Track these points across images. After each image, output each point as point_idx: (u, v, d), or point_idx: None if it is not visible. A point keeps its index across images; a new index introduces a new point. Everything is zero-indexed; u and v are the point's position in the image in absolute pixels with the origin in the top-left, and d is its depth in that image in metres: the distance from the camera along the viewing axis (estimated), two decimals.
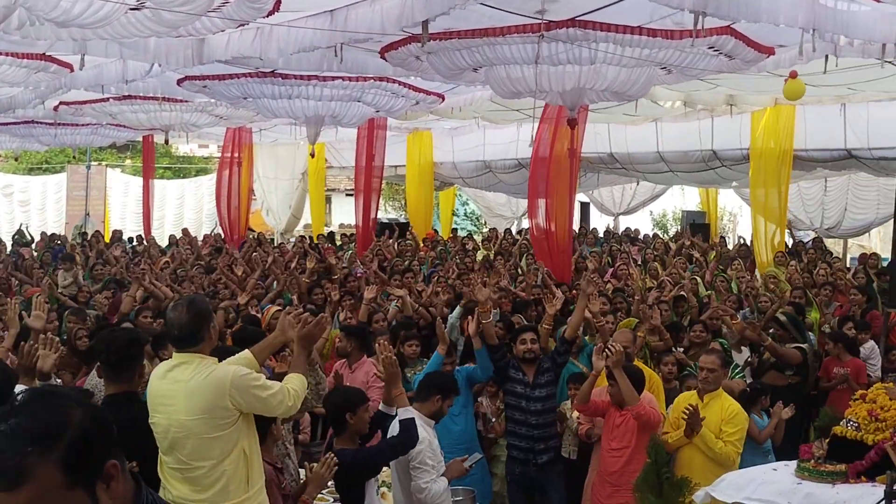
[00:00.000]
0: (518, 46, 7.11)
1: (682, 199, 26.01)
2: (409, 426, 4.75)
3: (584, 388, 5.95)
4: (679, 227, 22.00)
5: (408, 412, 4.83)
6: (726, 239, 18.31)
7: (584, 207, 23.77)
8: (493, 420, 6.94)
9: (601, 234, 19.40)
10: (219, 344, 4.48)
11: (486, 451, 6.66)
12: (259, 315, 8.35)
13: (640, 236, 18.93)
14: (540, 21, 6.70)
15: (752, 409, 6.21)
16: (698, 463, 5.48)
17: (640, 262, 13.81)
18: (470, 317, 6.68)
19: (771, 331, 8.10)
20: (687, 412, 5.42)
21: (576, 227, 15.74)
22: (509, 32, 6.90)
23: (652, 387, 6.40)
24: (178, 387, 3.78)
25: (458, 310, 8.57)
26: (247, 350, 4.13)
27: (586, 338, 8.14)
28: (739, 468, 5.35)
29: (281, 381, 3.98)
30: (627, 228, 20.22)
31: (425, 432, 4.93)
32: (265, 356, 4.29)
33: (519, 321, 8.20)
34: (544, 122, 12.06)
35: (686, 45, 7.12)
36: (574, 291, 10.24)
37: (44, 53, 8.59)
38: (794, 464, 4.69)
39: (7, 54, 8.51)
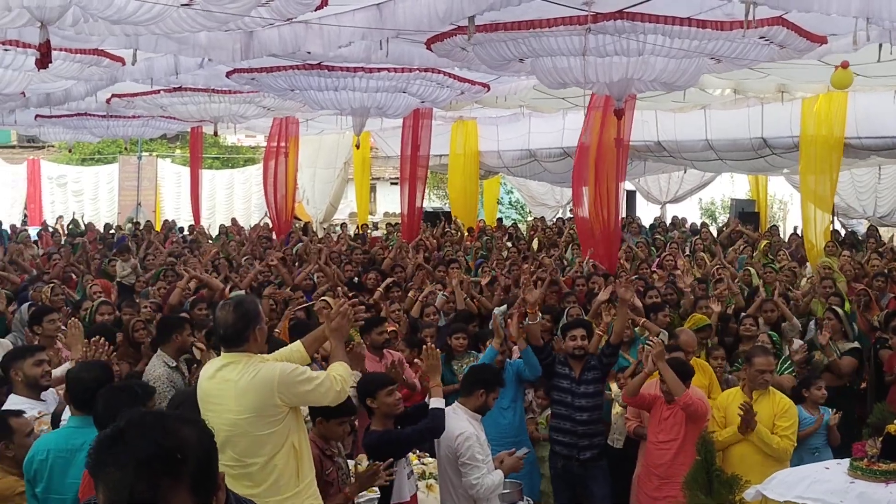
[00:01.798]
0: (565, 38, 7.08)
1: (731, 186, 25.64)
2: (437, 415, 4.84)
3: (634, 382, 5.94)
4: (728, 216, 21.70)
5: (439, 402, 4.91)
6: (777, 228, 17.96)
7: (630, 196, 23.52)
8: (536, 414, 6.95)
9: (648, 224, 19.25)
10: (270, 336, 4.55)
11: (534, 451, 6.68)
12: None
13: (688, 225, 18.70)
14: (587, 13, 6.64)
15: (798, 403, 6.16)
16: (750, 460, 5.43)
17: (688, 252, 13.67)
18: (510, 319, 6.63)
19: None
20: (743, 409, 5.37)
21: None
22: (556, 24, 6.87)
23: (707, 377, 6.36)
24: (227, 386, 3.84)
25: (503, 307, 8.57)
26: (298, 341, 4.26)
27: (636, 329, 8.10)
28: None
29: None
30: (675, 217, 19.97)
31: (472, 427, 4.95)
32: (316, 347, 4.40)
33: (578, 313, 8.21)
34: (591, 110, 11.99)
35: (737, 35, 7.02)
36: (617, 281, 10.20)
37: (97, 48, 8.75)
38: (846, 462, 4.63)
39: (61, 49, 8.68)
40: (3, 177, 27.20)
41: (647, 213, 23.07)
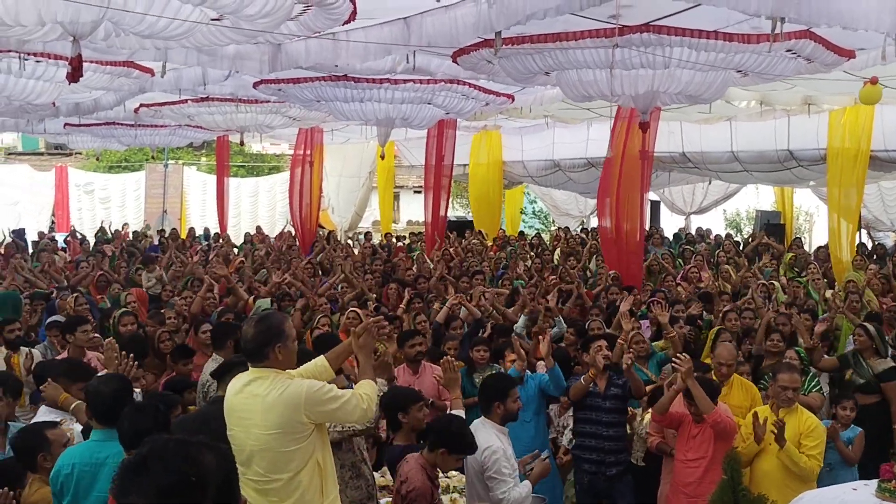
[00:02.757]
0: (591, 51, 7.09)
1: (756, 198, 25.44)
2: None
3: (663, 400, 5.89)
4: (753, 228, 21.54)
5: (460, 412, 4.97)
6: (802, 240, 17.79)
7: (655, 206, 23.44)
8: (560, 434, 6.93)
9: (671, 235, 19.14)
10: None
11: (562, 474, 6.67)
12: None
13: (713, 236, 18.58)
14: (614, 26, 6.65)
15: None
16: (776, 478, 5.38)
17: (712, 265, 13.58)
18: (541, 336, 6.61)
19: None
20: (776, 427, 5.32)
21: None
22: (582, 37, 6.88)
23: (753, 396, 6.29)
24: (255, 401, 3.85)
25: (522, 319, 8.57)
26: (322, 356, 4.26)
27: (654, 344, 8.08)
28: None
29: None
30: (700, 228, 19.85)
31: (498, 441, 4.95)
32: (340, 362, 4.41)
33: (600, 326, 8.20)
34: (618, 121, 11.98)
35: (763, 48, 7.00)
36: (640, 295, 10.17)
37: (126, 60, 8.86)
38: (874, 483, 4.56)
39: (91, 62, 8.80)
40: (31, 184, 27.54)
41: (671, 224, 22.95)
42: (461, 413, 4.97)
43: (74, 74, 5.61)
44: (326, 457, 3.99)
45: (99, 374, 4.91)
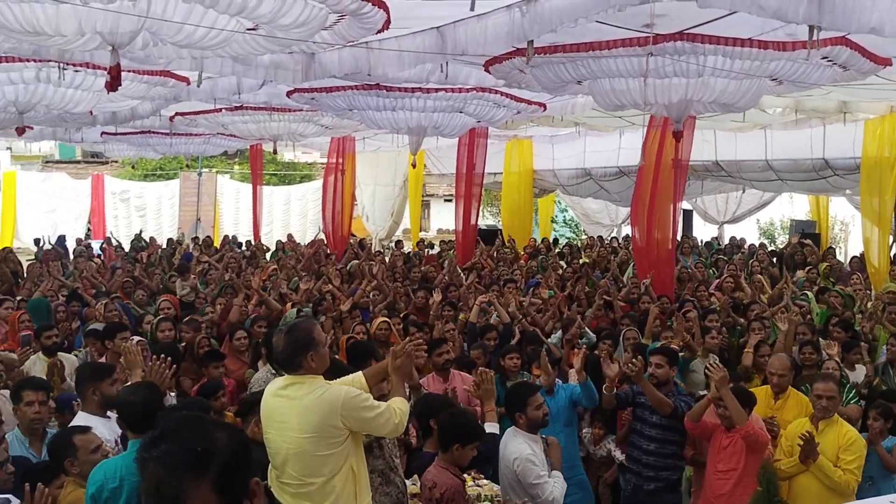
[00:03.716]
0: (624, 60, 7.06)
1: (790, 207, 25.16)
2: (489, 440, 4.90)
3: (696, 408, 5.85)
4: (787, 237, 21.29)
5: (493, 427, 4.98)
6: (835, 250, 17.55)
7: (687, 215, 23.26)
8: (593, 448, 6.90)
9: (702, 244, 18.97)
10: (333, 357, 4.61)
11: (591, 477, 6.64)
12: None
13: (746, 246, 18.40)
14: (647, 35, 6.62)
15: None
16: (814, 491, 5.32)
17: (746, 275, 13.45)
18: (576, 350, 6.57)
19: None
20: (803, 439, 5.25)
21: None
22: (615, 46, 6.86)
23: (803, 409, 6.19)
24: (292, 404, 3.90)
25: (558, 334, 8.55)
26: (360, 372, 4.33)
27: (681, 354, 8.03)
28: None
29: None
30: (733, 238, 19.66)
31: (528, 447, 4.95)
32: (376, 381, 4.45)
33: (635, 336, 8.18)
34: (651, 129, 11.93)
35: (799, 56, 6.94)
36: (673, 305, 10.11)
37: (163, 70, 8.98)
38: None
39: (129, 71, 8.93)
40: (68, 191, 27.98)
41: (703, 233, 22.76)
42: (495, 426, 4.97)
43: (113, 83, 5.69)
44: (360, 463, 4.03)
45: (127, 385, 4.95)
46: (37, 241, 19.42)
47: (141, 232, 23.03)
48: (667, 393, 6.23)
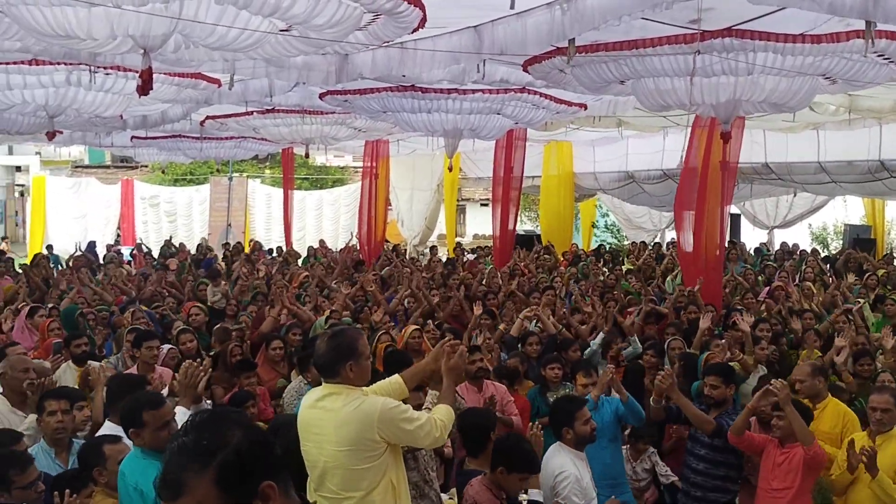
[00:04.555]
0: (670, 58, 7.00)
1: (844, 210, 24.79)
2: None
3: (738, 420, 5.76)
4: (841, 243, 20.98)
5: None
6: (892, 256, 17.22)
7: (735, 220, 23.00)
8: (632, 464, 6.82)
9: (752, 250, 18.77)
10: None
11: None
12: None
13: (798, 252, 18.16)
14: (694, 31, 6.57)
15: None
16: None
17: (797, 282, 13.28)
18: (614, 376, 6.43)
19: None
20: (865, 455, 5.14)
21: None
22: (660, 44, 6.81)
23: (846, 424, 6.05)
24: (328, 416, 3.89)
25: (599, 337, 8.49)
26: (398, 375, 4.29)
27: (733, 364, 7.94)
28: None
29: None
30: (785, 244, 19.41)
31: (573, 466, 4.89)
32: (415, 382, 4.43)
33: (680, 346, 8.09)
34: (696, 129, 11.82)
35: (853, 53, 6.83)
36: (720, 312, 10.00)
37: (194, 72, 9.09)
38: None
39: (160, 73, 9.04)
40: (98, 197, 28.40)
41: (752, 239, 22.49)
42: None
43: (144, 87, 5.76)
44: (400, 477, 4.00)
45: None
46: (43, 251, 19.74)
47: (171, 238, 23.32)
48: (723, 412, 6.11)
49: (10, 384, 5.95)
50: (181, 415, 4.59)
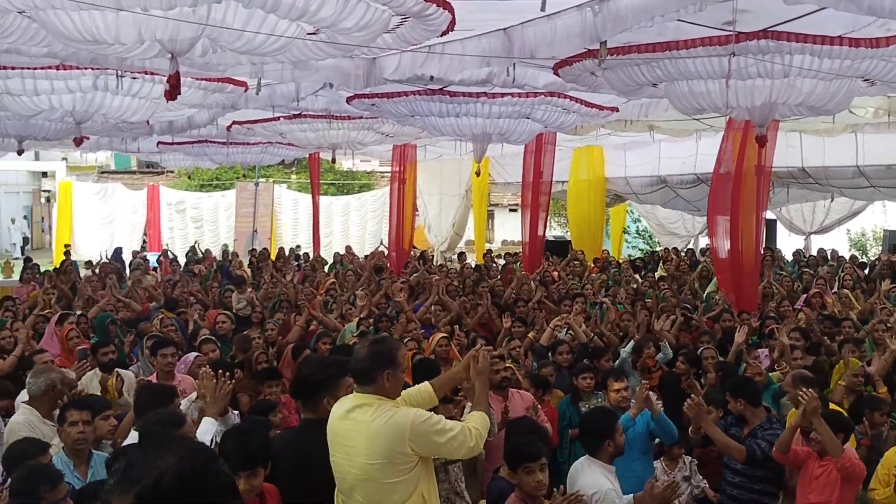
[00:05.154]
0: (704, 60, 6.95)
1: (883, 216, 24.50)
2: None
3: (784, 437, 5.68)
4: (881, 249, 20.71)
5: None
6: None
7: (771, 225, 22.78)
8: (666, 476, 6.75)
9: (789, 256, 18.57)
10: None
11: None
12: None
13: (835, 259, 17.94)
14: (729, 33, 6.52)
15: None
16: None
17: (835, 289, 13.12)
18: (645, 383, 6.37)
19: None
20: None
21: None
22: (695, 46, 6.77)
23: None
24: (359, 428, 3.87)
25: (630, 344, 8.44)
26: (427, 383, 4.27)
27: (770, 375, 7.87)
28: None
29: None
30: (821, 249, 19.20)
31: (608, 481, 4.84)
32: (445, 390, 4.40)
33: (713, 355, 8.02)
34: (730, 132, 11.74)
35: (893, 54, 6.76)
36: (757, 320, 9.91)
37: (221, 76, 9.17)
38: None
39: (187, 77, 9.12)
40: (124, 202, 28.73)
41: (788, 245, 22.27)
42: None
43: (172, 92, 5.82)
44: (431, 490, 3.97)
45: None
46: (61, 263, 19.90)
47: (196, 243, 23.50)
48: (755, 428, 6.05)
49: (51, 397, 5.94)
50: (209, 425, 4.61)
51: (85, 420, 5.15)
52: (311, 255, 20.31)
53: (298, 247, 22.36)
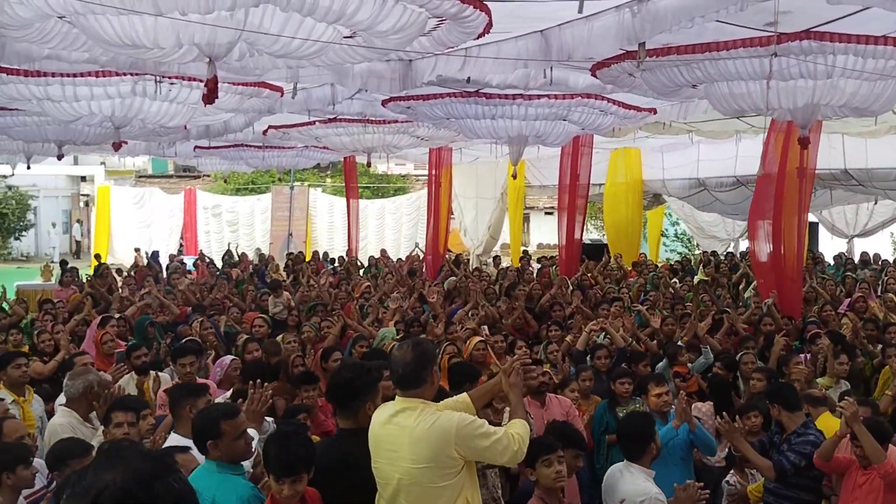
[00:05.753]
0: (745, 61, 6.89)
1: None
2: None
3: (826, 445, 5.61)
4: None
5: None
6: None
7: (813, 228, 22.49)
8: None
9: (831, 260, 18.33)
10: None
11: None
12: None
13: (880, 261, 17.67)
14: (770, 34, 6.45)
15: None
16: None
17: (879, 293, 12.93)
18: (685, 407, 6.29)
19: None
20: None
21: None
22: (735, 46, 6.70)
23: None
24: (403, 433, 3.88)
25: (665, 361, 8.39)
26: (465, 394, 4.27)
27: (818, 381, 7.78)
28: None
29: None
30: (864, 253, 18.92)
31: (653, 486, 4.80)
32: (483, 402, 4.39)
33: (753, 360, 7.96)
34: (771, 135, 11.61)
35: None
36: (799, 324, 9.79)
37: (257, 81, 9.25)
38: None
39: (224, 82, 9.22)
40: (161, 206, 29.07)
41: (830, 248, 21.98)
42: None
43: (210, 96, 5.88)
44: (475, 494, 3.97)
45: (216, 402, 5.07)
46: (97, 268, 20.13)
47: (230, 246, 23.72)
48: (789, 435, 5.97)
49: (90, 399, 6.03)
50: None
51: (130, 421, 5.23)
52: (345, 258, 20.39)
53: (326, 254, 22.42)
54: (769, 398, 6.21)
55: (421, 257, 19.69)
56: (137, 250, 22.87)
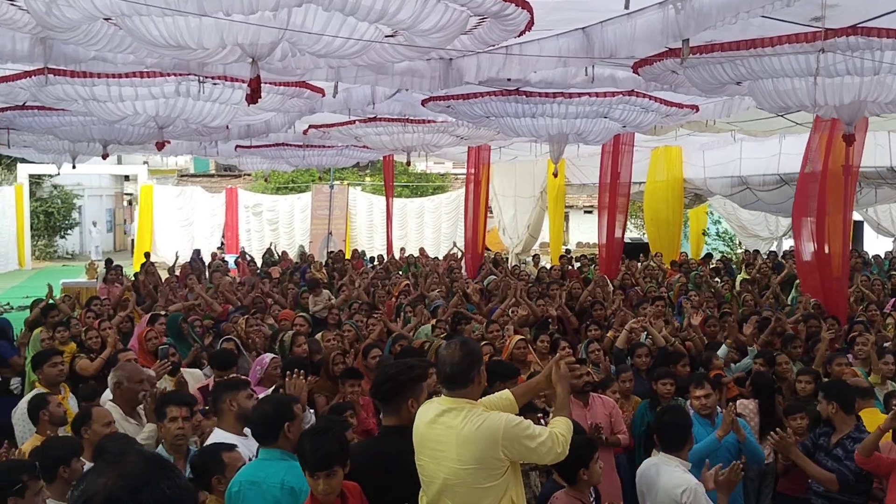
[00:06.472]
0: (790, 58, 6.79)
1: None
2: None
3: (868, 440, 5.54)
4: None
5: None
6: None
7: (857, 227, 22.15)
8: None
9: (872, 258, 18.03)
10: None
11: None
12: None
13: None
14: (816, 29, 6.35)
15: None
16: None
17: None
18: (730, 405, 6.22)
19: None
20: None
21: None
22: (781, 43, 6.61)
23: None
24: (450, 433, 3.87)
25: (723, 349, 8.30)
26: (507, 391, 4.26)
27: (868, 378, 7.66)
28: None
29: None
30: None
31: (693, 477, 4.79)
32: (527, 399, 4.39)
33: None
34: (815, 132, 11.45)
35: None
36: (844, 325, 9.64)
37: (299, 81, 9.31)
38: None
39: (266, 83, 9.29)
40: (203, 205, 29.39)
41: (875, 247, 21.63)
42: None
43: (253, 95, 5.92)
44: (520, 494, 3.96)
45: (261, 397, 5.12)
46: (142, 265, 20.37)
47: (271, 245, 23.89)
48: (842, 438, 5.90)
49: (126, 394, 6.11)
50: None
51: (184, 416, 5.27)
52: (385, 257, 20.46)
53: (364, 252, 22.52)
54: (826, 393, 6.09)
55: (459, 256, 19.68)
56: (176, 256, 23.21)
